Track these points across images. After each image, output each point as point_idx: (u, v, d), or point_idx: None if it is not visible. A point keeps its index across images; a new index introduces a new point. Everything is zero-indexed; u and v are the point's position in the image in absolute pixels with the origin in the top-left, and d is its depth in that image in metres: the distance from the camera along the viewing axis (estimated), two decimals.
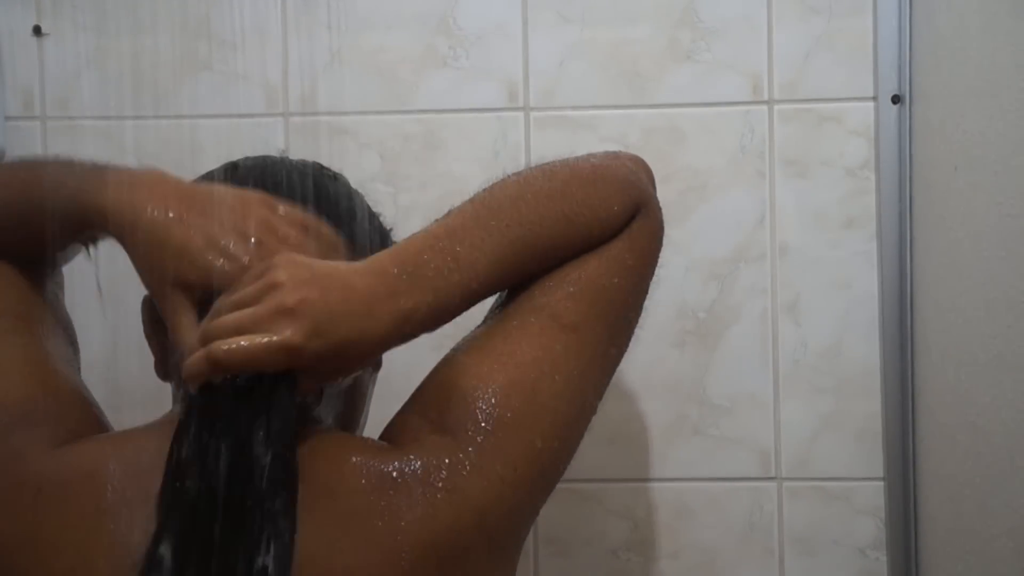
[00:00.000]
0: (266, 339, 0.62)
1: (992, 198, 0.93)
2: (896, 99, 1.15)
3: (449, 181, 1.19)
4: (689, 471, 1.19)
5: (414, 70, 1.20)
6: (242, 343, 0.62)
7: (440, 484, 0.64)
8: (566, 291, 0.73)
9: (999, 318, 0.92)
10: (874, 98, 1.16)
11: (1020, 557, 0.88)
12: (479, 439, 0.66)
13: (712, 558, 1.19)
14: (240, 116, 1.19)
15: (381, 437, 0.71)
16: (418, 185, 1.19)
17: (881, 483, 1.18)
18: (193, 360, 0.63)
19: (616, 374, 1.19)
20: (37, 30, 1.21)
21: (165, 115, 1.20)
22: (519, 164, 1.19)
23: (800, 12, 1.18)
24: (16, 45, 1.21)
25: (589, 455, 1.14)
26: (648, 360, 1.19)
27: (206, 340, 0.63)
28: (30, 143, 1.21)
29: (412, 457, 0.65)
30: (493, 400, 0.67)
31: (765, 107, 1.18)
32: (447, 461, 0.65)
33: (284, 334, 0.62)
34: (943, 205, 1.07)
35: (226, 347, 0.62)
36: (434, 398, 0.71)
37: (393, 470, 0.64)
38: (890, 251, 1.16)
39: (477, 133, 1.20)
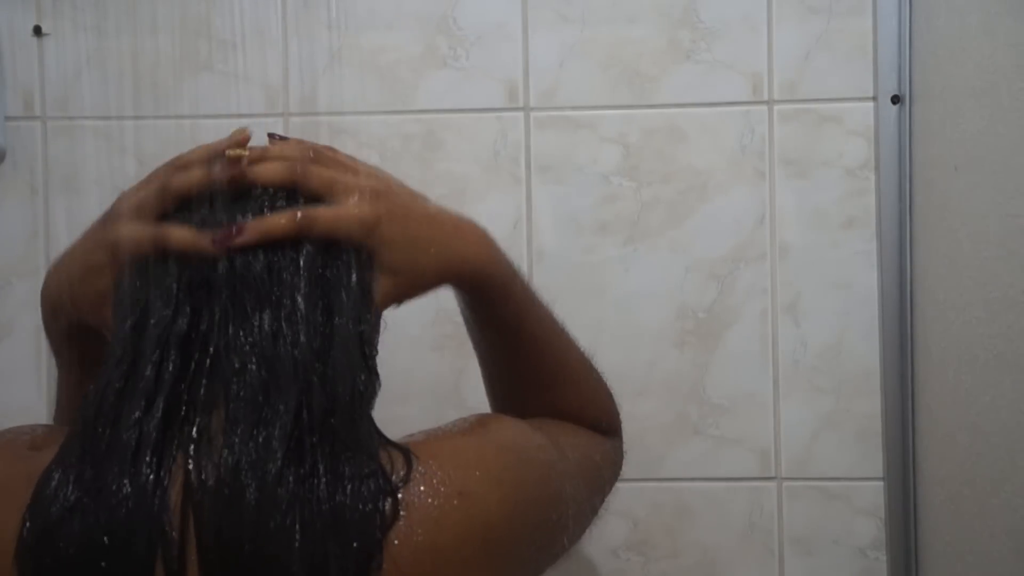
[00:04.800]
0: (347, 208, 0.68)
1: (992, 198, 0.94)
2: (896, 99, 1.15)
3: (449, 181, 1.19)
4: (689, 471, 1.19)
5: (414, 70, 1.20)
6: (332, 209, 0.67)
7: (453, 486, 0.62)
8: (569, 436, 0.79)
9: (999, 318, 0.92)
10: (874, 98, 1.17)
11: (1020, 557, 0.88)
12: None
13: (712, 558, 1.19)
14: (240, 116, 1.19)
15: None
16: (418, 185, 1.18)
17: (881, 483, 1.18)
18: (277, 219, 0.66)
19: (616, 374, 1.20)
20: (37, 30, 1.21)
21: (165, 115, 1.20)
22: (519, 164, 1.20)
23: (800, 12, 1.18)
24: (16, 45, 1.21)
25: None
26: (648, 360, 1.19)
27: (291, 177, 0.68)
28: (30, 143, 1.21)
29: (431, 461, 0.64)
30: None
31: (765, 107, 1.18)
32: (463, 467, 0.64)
33: (363, 207, 0.68)
34: (943, 205, 1.07)
35: (313, 213, 0.66)
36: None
37: (410, 470, 0.63)
38: (890, 251, 1.16)
39: (477, 133, 1.20)
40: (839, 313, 1.18)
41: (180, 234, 0.66)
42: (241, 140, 0.69)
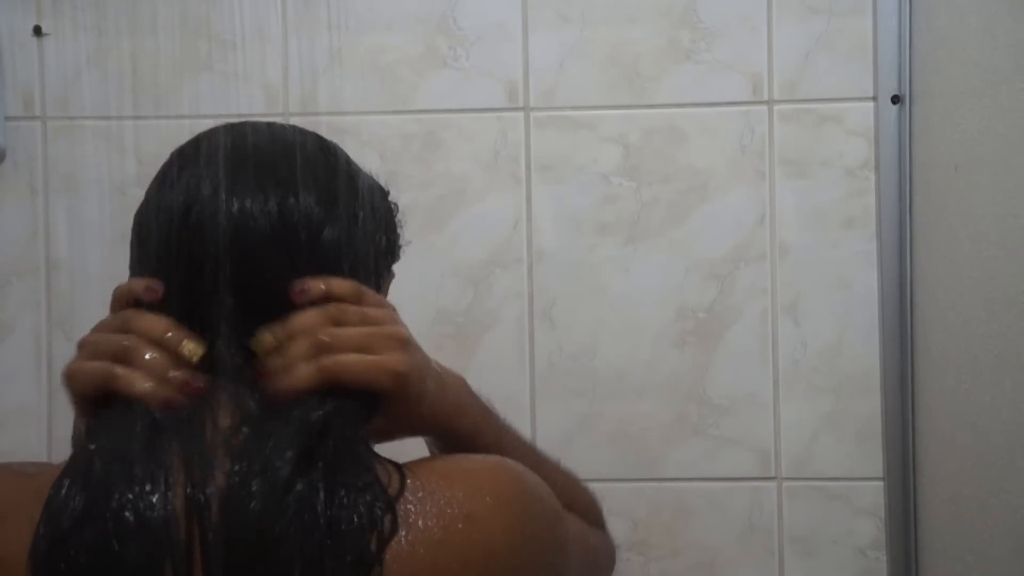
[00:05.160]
0: (382, 359, 0.64)
1: (992, 198, 0.94)
2: (896, 99, 1.15)
3: (449, 181, 1.19)
4: (689, 471, 1.19)
5: (414, 70, 1.20)
6: (364, 359, 0.64)
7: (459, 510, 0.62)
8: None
9: (999, 318, 0.92)
10: (874, 98, 1.17)
11: (1020, 557, 0.88)
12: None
13: (712, 558, 1.19)
14: (240, 116, 1.19)
15: None
16: (418, 185, 1.19)
17: (881, 483, 1.18)
18: (302, 369, 0.63)
19: (616, 374, 1.20)
20: (37, 30, 1.21)
21: (165, 115, 1.20)
22: (519, 164, 1.20)
23: (800, 12, 1.18)
24: (16, 45, 1.21)
25: (589, 455, 1.14)
26: (648, 360, 1.19)
27: (318, 350, 0.63)
28: (30, 143, 1.21)
29: (435, 478, 0.63)
30: None
31: (765, 107, 1.18)
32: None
33: (396, 357, 0.65)
34: (943, 205, 1.07)
35: (344, 360, 0.63)
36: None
37: (416, 488, 0.62)
38: (890, 251, 1.16)
39: (477, 133, 1.20)
40: (839, 313, 1.18)
41: (141, 385, 0.62)
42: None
